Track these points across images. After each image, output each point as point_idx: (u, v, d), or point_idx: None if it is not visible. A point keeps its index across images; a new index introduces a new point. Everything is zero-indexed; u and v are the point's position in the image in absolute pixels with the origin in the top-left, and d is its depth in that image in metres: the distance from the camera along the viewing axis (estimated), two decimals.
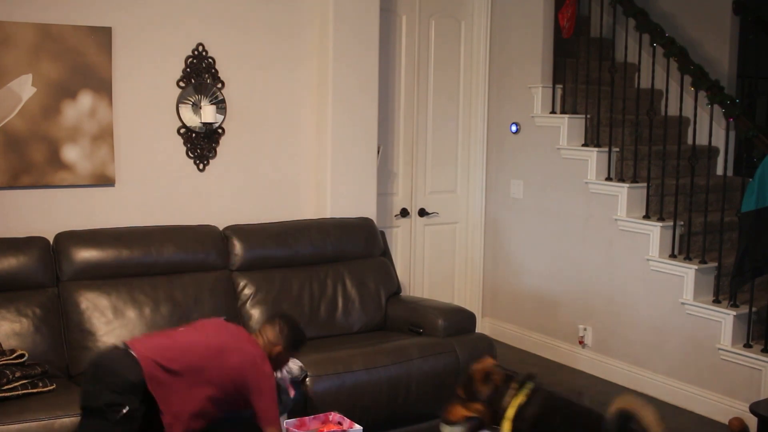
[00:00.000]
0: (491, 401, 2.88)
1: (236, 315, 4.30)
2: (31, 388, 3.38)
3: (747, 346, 4.57)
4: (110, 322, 3.95)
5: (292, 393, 3.57)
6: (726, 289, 4.78)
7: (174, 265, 4.24)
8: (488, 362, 3.00)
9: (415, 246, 5.79)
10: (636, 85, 5.73)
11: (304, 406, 3.72)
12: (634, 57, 5.71)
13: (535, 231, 5.76)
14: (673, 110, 5.67)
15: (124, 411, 2.97)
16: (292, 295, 4.46)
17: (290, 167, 5.01)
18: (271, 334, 3.36)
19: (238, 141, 4.81)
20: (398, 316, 4.63)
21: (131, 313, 4.00)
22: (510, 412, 2.83)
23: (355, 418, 3.68)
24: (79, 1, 4.26)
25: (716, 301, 4.74)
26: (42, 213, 4.24)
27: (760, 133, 4.70)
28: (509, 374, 2.95)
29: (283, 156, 4.98)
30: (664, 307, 4.94)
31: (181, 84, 4.61)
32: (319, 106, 5.02)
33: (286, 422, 3.47)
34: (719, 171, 5.56)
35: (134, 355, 3.06)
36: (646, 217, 5.13)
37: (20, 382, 3.36)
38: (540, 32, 5.62)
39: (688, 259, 4.92)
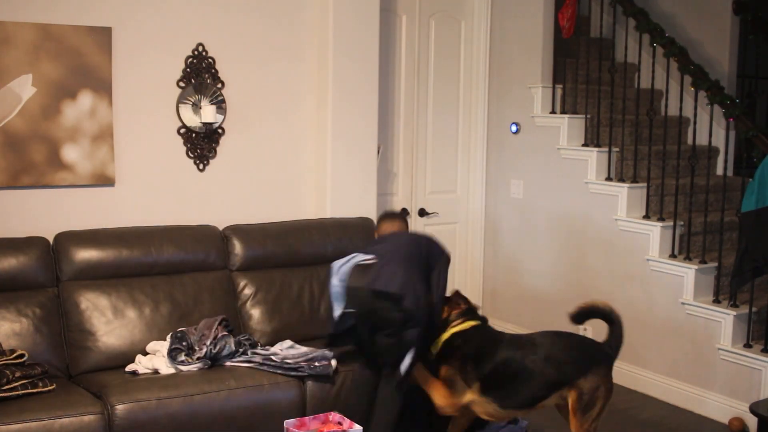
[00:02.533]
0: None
1: (236, 315, 4.31)
2: (31, 388, 3.38)
3: (747, 346, 4.57)
4: (110, 322, 3.95)
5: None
6: (726, 289, 4.79)
7: (174, 265, 4.24)
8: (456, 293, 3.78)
9: None
10: (636, 85, 5.73)
11: (303, 407, 3.72)
12: (634, 57, 5.72)
13: (535, 231, 5.76)
14: (673, 110, 5.67)
15: None
16: (292, 295, 4.46)
17: (290, 167, 5.01)
18: None
19: (238, 141, 4.81)
20: None
21: (131, 313, 4.01)
22: (445, 335, 3.61)
23: (355, 418, 3.67)
24: (79, 1, 4.26)
25: (716, 301, 4.75)
26: (42, 213, 4.24)
27: (760, 132, 4.71)
28: (470, 308, 3.74)
29: (283, 156, 4.98)
30: (665, 307, 4.94)
31: (181, 84, 4.61)
32: (319, 106, 5.02)
33: (286, 422, 3.46)
34: (719, 171, 5.56)
35: None
36: (646, 217, 5.13)
37: (20, 382, 3.36)
38: (540, 32, 5.62)
39: (688, 259, 4.92)
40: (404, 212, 5.67)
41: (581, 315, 3.72)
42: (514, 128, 5.83)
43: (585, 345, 3.71)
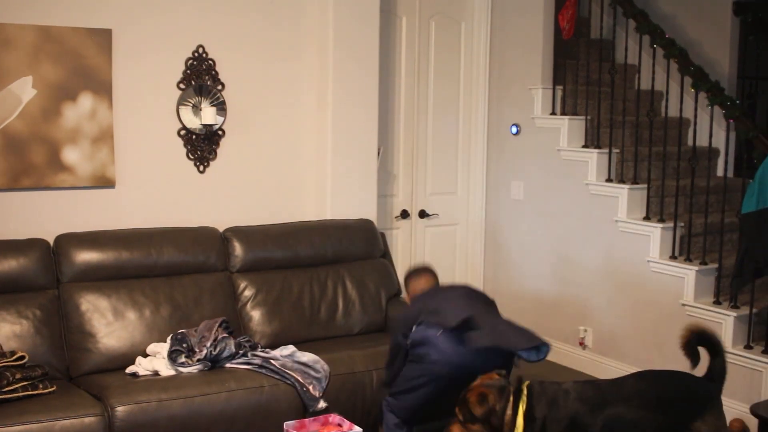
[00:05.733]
0: (489, 420, 3.04)
1: (236, 317, 4.31)
2: (32, 390, 3.39)
3: (748, 347, 4.57)
4: (110, 323, 3.95)
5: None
6: (726, 291, 4.78)
7: (174, 266, 4.24)
8: (481, 383, 3.14)
9: (416, 248, 5.79)
10: (636, 87, 5.72)
11: (303, 408, 3.72)
12: (634, 58, 5.71)
13: (535, 233, 5.75)
14: (673, 111, 5.67)
15: None
16: (292, 296, 4.46)
17: (290, 169, 5.01)
18: None
19: (239, 143, 4.81)
20: None
21: (131, 315, 4.01)
22: (519, 422, 2.99)
23: (355, 420, 3.68)
24: (79, 3, 4.26)
25: (717, 303, 4.74)
26: (42, 215, 4.24)
27: (761, 134, 4.70)
28: (501, 386, 3.11)
29: (283, 158, 4.98)
30: (665, 309, 4.94)
31: (182, 86, 4.62)
32: (319, 107, 5.02)
33: (286, 424, 3.47)
34: (719, 172, 5.56)
35: None
36: (647, 218, 5.13)
37: (20, 384, 3.37)
38: (540, 33, 5.62)
39: (688, 260, 4.91)
40: (404, 214, 5.67)
41: (692, 346, 3.31)
42: (514, 129, 5.83)
43: (689, 382, 3.25)
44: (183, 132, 4.65)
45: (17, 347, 3.65)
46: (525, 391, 3.08)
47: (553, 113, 5.66)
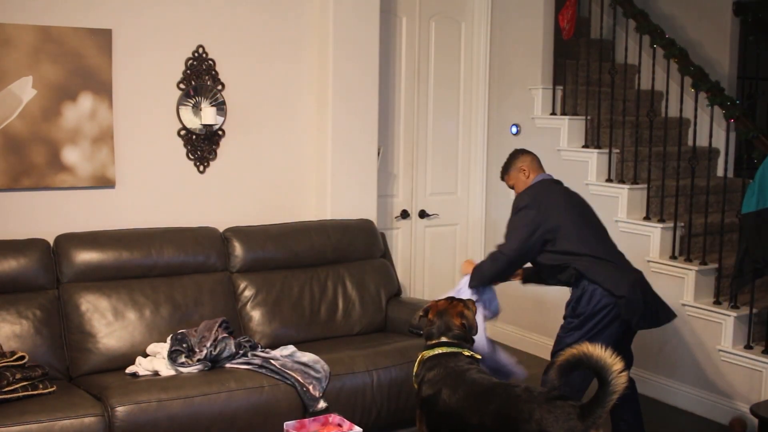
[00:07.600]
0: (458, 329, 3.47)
1: (236, 317, 4.31)
2: (32, 390, 3.39)
3: (748, 347, 4.57)
4: (110, 323, 3.95)
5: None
6: (726, 291, 4.78)
7: (174, 266, 4.24)
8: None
9: (416, 248, 5.79)
10: (636, 87, 5.73)
11: (303, 408, 3.72)
12: (634, 58, 5.71)
13: None
14: (673, 111, 5.67)
15: None
16: (292, 296, 4.46)
17: (290, 169, 5.01)
18: None
19: (239, 143, 4.81)
20: (399, 318, 4.63)
21: (131, 315, 4.01)
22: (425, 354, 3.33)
23: (355, 420, 3.68)
24: (79, 3, 4.26)
25: (717, 303, 4.74)
26: (42, 215, 4.25)
27: (761, 134, 4.71)
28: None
29: (283, 157, 4.98)
30: None
31: (182, 86, 4.62)
32: (320, 108, 5.02)
33: (286, 424, 3.47)
34: (720, 172, 5.56)
35: None
36: (647, 218, 5.13)
37: (20, 384, 3.37)
38: (540, 34, 5.62)
39: (688, 260, 4.91)
40: (404, 214, 5.67)
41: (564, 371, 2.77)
42: (514, 130, 5.83)
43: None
44: (183, 132, 4.65)
45: (17, 347, 3.66)
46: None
47: (553, 113, 5.66)
